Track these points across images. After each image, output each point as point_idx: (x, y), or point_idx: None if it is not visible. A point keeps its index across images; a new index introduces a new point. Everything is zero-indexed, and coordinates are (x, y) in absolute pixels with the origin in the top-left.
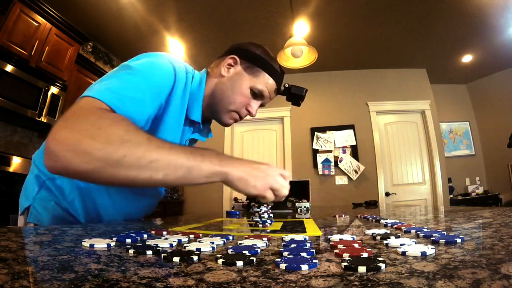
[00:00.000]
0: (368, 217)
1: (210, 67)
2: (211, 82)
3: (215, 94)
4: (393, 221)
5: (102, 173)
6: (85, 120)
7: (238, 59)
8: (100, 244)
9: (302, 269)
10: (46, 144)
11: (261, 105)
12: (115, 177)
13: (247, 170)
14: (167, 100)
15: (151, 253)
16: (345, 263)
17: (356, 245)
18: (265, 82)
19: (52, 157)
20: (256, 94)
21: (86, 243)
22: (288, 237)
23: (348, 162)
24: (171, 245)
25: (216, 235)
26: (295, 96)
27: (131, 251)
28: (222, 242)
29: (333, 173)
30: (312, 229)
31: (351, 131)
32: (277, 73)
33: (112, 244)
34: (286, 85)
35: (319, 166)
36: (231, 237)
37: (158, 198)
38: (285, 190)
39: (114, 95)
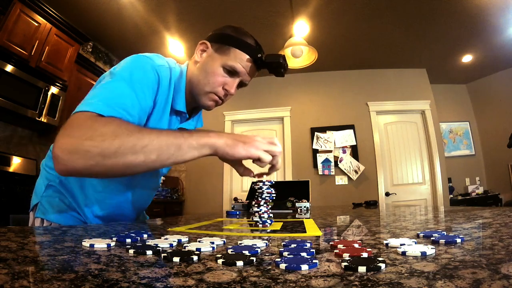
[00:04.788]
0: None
1: (190, 58)
2: (189, 70)
3: (192, 80)
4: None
5: (104, 165)
6: (81, 126)
7: (208, 43)
8: (100, 244)
9: (302, 269)
10: (53, 152)
11: (242, 84)
12: (114, 166)
13: (234, 137)
14: (154, 99)
15: (151, 253)
16: (345, 263)
17: (356, 245)
18: (236, 57)
19: (59, 162)
20: (231, 72)
21: (86, 243)
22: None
23: (348, 162)
24: (171, 245)
25: (216, 235)
26: (271, 66)
27: (131, 251)
28: (222, 242)
29: (333, 173)
30: (312, 229)
31: (351, 131)
32: (250, 46)
33: (112, 244)
34: (259, 55)
35: (319, 166)
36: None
37: (152, 190)
38: (277, 147)
39: (103, 104)
